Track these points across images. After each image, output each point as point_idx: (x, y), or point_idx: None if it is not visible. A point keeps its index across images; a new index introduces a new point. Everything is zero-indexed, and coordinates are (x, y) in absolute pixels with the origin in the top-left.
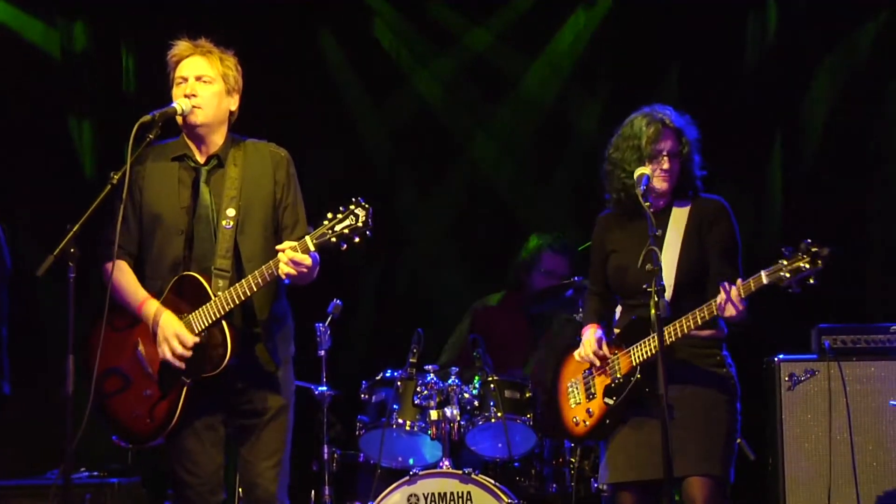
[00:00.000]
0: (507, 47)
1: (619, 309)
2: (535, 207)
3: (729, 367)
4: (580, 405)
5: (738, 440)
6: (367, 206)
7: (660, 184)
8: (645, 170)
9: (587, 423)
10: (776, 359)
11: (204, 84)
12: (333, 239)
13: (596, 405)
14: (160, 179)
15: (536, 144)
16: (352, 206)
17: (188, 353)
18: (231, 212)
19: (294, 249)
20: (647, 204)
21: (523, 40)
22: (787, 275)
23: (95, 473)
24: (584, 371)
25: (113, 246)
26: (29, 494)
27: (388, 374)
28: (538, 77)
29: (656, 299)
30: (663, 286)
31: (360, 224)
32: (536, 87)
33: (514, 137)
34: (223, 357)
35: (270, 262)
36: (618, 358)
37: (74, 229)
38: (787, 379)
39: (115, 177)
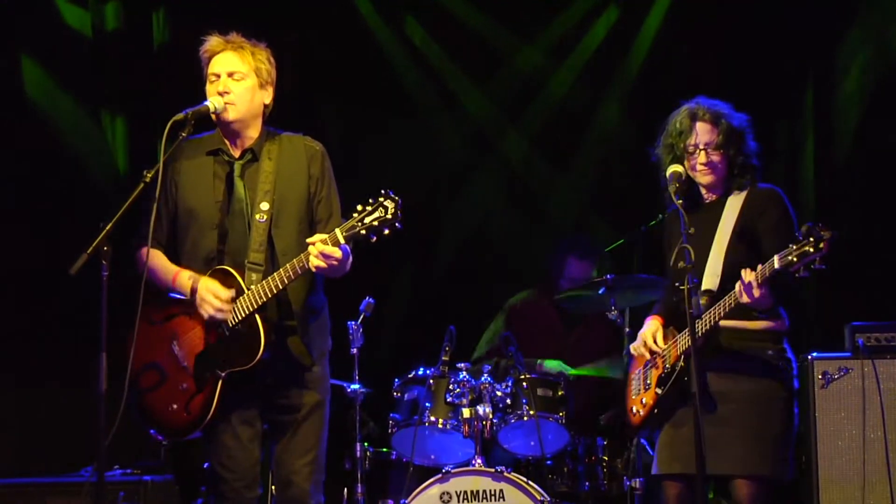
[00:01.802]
0: (535, 46)
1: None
2: (567, 205)
3: (785, 361)
4: (638, 395)
5: None
6: (396, 198)
7: (702, 178)
8: (677, 167)
9: (641, 413)
10: (810, 357)
11: (236, 81)
12: (363, 231)
13: (650, 395)
14: (195, 174)
15: (567, 141)
16: (381, 199)
17: (228, 306)
18: (265, 206)
19: (324, 242)
20: (680, 202)
21: (555, 44)
22: (795, 259)
23: (129, 471)
24: (646, 362)
25: (144, 238)
26: (63, 492)
27: (420, 372)
28: (567, 75)
29: (689, 297)
30: (697, 283)
31: (389, 216)
32: (565, 85)
33: (545, 134)
34: (256, 350)
35: (301, 255)
36: (669, 348)
37: (108, 227)
38: (820, 377)
39: (149, 175)
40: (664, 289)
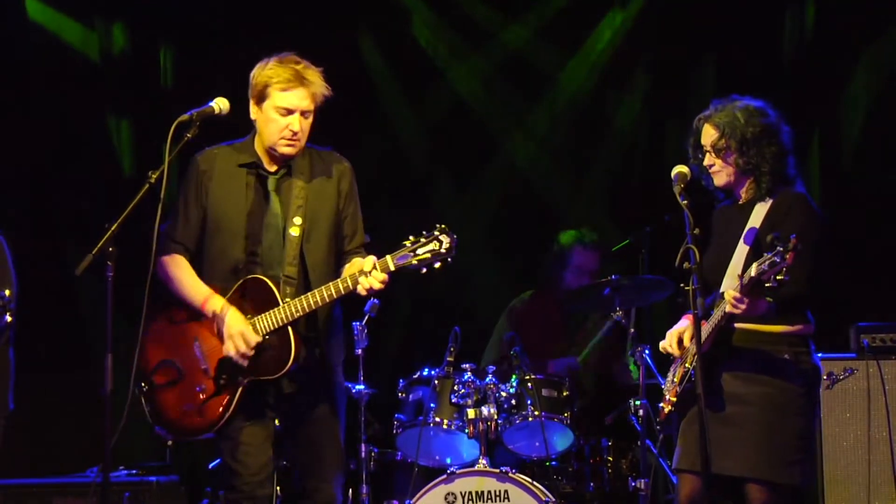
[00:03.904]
0: (543, 44)
1: None
2: (572, 205)
3: (804, 364)
4: (666, 392)
5: None
6: (453, 235)
7: (713, 179)
8: (682, 168)
9: (665, 409)
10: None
11: (305, 119)
12: (414, 261)
13: (674, 392)
14: (227, 183)
15: (573, 141)
16: (436, 232)
17: (251, 353)
18: (298, 220)
19: (374, 268)
20: (685, 202)
21: (560, 36)
22: (767, 267)
23: (134, 472)
24: (676, 360)
25: (171, 240)
26: (69, 492)
27: (425, 373)
28: (575, 73)
29: (694, 298)
30: (700, 286)
31: (442, 250)
32: (573, 83)
33: (551, 134)
34: (285, 362)
35: (347, 277)
36: (692, 347)
37: (113, 228)
38: (825, 378)
39: (153, 176)
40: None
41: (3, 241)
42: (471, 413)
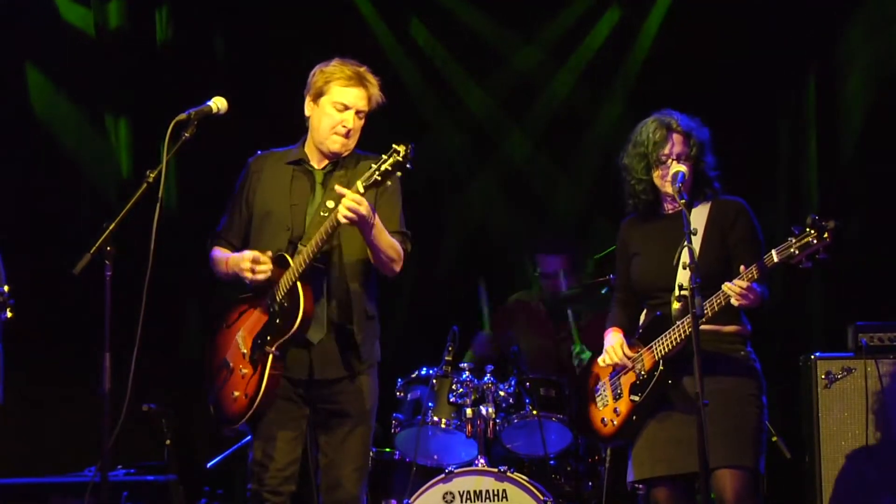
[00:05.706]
0: (540, 51)
1: (644, 312)
2: (569, 205)
3: (753, 361)
4: (608, 406)
5: (774, 438)
6: (408, 144)
7: (672, 187)
8: (681, 167)
9: (615, 422)
10: (812, 356)
11: (359, 119)
12: (378, 177)
13: (623, 404)
14: (274, 179)
15: (569, 142)
16: (394, 146)
17: (267, 266)
18: (330, 203)
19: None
20: (683, 201)
21: (558, 43)
22: (797, 251)
23: (132, 471)
24: (611, 373)
25: (218, 237)
26: (67, 491)
27: (423, 372)
28: (571, 77)
29: (692, 296)
30: (699, 283)
31: (400, 158)
32: (570, 87)
33: (549, 136)
34: (297, 315)
35: (330, 212)
36: (641, 355)
37: (111, 227)
38: (823, 377)
39: (151, 175)
40: (613, 303)
41: None
42: (469, 412)
